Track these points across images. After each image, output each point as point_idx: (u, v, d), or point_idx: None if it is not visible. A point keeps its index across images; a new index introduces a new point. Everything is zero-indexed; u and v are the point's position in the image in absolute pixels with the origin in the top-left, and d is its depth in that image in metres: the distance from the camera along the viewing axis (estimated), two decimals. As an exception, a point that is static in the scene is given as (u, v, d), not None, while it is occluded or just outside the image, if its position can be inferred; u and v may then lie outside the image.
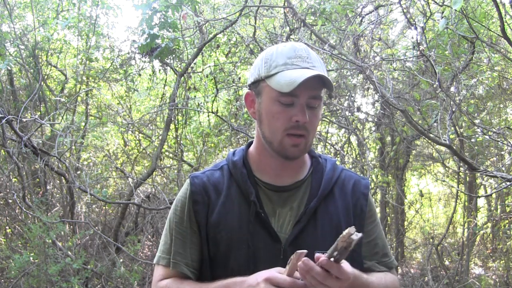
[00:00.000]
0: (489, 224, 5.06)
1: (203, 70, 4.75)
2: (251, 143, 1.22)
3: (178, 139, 4.82)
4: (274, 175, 1.16)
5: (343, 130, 4.65)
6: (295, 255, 0.93)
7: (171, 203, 4.04)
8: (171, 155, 5.35)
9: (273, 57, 1.11)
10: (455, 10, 2.16)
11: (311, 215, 1.11)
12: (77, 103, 4.99)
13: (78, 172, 4.54)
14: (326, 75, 1.09)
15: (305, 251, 0.93)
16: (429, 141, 3.71)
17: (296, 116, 1.06)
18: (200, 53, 4.43)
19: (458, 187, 4.84)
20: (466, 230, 4.66)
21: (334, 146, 4.57)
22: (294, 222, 1.11)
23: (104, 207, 5.09)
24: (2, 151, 4.37)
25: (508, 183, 2.69)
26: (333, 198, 1.16)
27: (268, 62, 1.11)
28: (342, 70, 3.81)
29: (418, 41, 3.00)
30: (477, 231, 4.67)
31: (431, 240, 5.09)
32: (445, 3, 2.63)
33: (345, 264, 0.95)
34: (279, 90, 1.06)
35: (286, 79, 1.04)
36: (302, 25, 3.66)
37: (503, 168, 3.87)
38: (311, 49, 1.15)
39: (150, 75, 4.92)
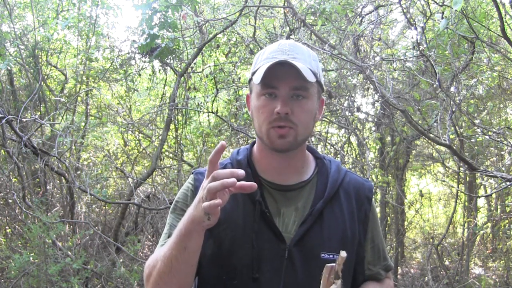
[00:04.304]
0: (489, 224, 5.07)
1: (203, 70, 4.75)
2: (254, 142, 1.22)
3: (178, 139, 4.82)
4: (277, 174, 1.15)
5: (343, 130, 4.65)
6: (326, 269, 0.90)
7: (171, 203, 4.03)
8: (171, 155, 5.35)
9: (260, 55, 1.14)
10: (455, 10, 2.16)
11: (317, 216, 1.11)
12: (77, 103, 4.99)
13: (78, 172, 4.54)
14: (310, 65, 1.08)
15: (333, 264, 0.88)
16: (429, 141, 3.71)
17: (276, 108, 1.05)
18: (200, 53, 4.43)
19: (458, 187, 4.85)
20: (466, 230, 4.67)
21: (334, 146, 4.57)
22: (300, 223, 1.10)
23: (104, 207, 5.10)
24: (2, 151, 4.37)
25: (508, 183, 2.69)
26: (339, 200, 1.15)
27: (256, 60, 1.15)
28: (342, 70, 3.81)
29: (418, 41, 3.00)
30: (477, 231, 4.67)
31: (431, 240, 5.10)
32: (445, 3, 2.63)
33: None
34: (255, 82, 1.07)
35: (261, 71, 1.06)
36: (302, 25, 3.65)
37: (503, 168, 3.87)
38: (307, 46, 1.15)
39: (150, 75, 4.92)
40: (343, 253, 0.89)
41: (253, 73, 1.12)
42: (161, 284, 1.02)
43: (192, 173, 1.21)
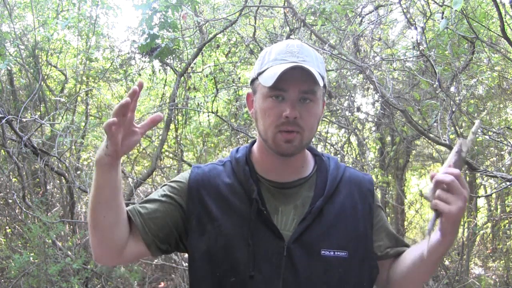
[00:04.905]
0: (489, 224, 5.07)
1: (203, 70, 4.75)
2: (254, 141, 1.22)
3: (178, 139, 4.82)
4: (276, 173, 1.15)
5: (343, 130, 4.65)
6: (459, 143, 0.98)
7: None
8: (171, 155, 5.35)
9: (266, 55, 1.13)
10: (455, 10, 2.16)
11: (316, 214, 1.11)
12: (77, 103, 4.98)
13: (78, 172, 4.54)
14: (318, 69, 1.07)
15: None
16: (429, 141, 3.71)
17: (285, 111, 1.05)
18: (200, 53, 4.42)
19: (458, 187, 4.83)
20: (466, 230, 4.67)
21: (334, 146, 4.57)
22: (299, 220, 1.10)
23: (104, 207, 5.09)
24: (2, 151, 4.37)
25: (508, 183, 2.69)
26: (339, 196, 1.15)
27: (262, 59, 1.13)
28: (342, 70, 3.81)
29: (418, 41, 3.00)
30: (477, 231, 4.67)
31: (431, 240, 5.08)
32: (445, 3, 2.63)
33: None
34: (264, 84, 1.06)
35: (270, 73, 1.05)
36: (302, 25, 3.65)
37: (503, 168, 3.87)
38: (309, 46, 1.14)
39: (150, 75, 4.92)
40: (477, 122, 0.99)
41: (259, 73, 1.11)
42: (90, 225, 1.07)
43: (191, 167, 1.22)
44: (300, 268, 1.07)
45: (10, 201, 4.44)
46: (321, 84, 1.05)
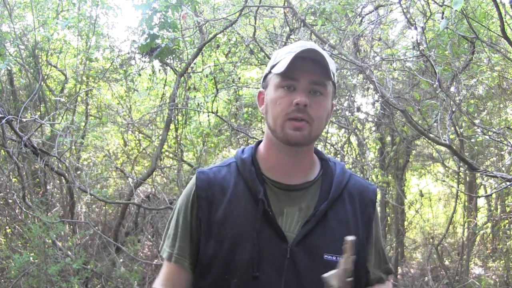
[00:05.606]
0: (489, 224, 5.06)
1: (203, 70, 4.75)
2: (260, 142, 1.22)
3: (178, 139, 4.82)
4: (283, 173, 1.15)
5: (343, 130, 4.65)
6: (349, 244, 0.97)
7: (171, 203, 4.05)
8: (171, 155, 5.35)
9: (280, 51, 1.15)
10: (455, 10, 2.16)
11: (320, 217, 1.11)
12: (77, 103, 4.98)
13: (78, 172, 4.54)
14: (331, 67, 1.08)
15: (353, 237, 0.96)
16: (429, 141, 3.71)
17: (296, 99, 1.05)
18: (200, 53, 4.43)
19: (458, 187, 4.85)
20: (466, 230, 4.67)
21: (334, 146, 4.57)
22: (303, 223, 1.10)
23: (104, 207, 5.10)
24: (2, 151, 4.37)
25: (508, 183, 2.69)
26: (343, 202, 1.15)
27: (275, 55, 1.16)
28: (342, 70, 3.81)
29: (418, 41, 2.99)
30: (477, 231, 4.67)
31: (431, 240, 5.10)
32: (445, 3, 2.63)
33: None
34: (276, 72, 1.08)
35: (283, 62, 1.07)
36: (302, 25, 3.65)
37: (503, 168, 3.87)
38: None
39: (150, 75, 4.92)
40: (350, 237, 0.98)
41: (272, 67, 1.13)
42: None
43: (196, 172, 1.21)
44: (303, 271, 1.07)
45: (10, 201, 4.43)
46: (332, 77, 1.07)
